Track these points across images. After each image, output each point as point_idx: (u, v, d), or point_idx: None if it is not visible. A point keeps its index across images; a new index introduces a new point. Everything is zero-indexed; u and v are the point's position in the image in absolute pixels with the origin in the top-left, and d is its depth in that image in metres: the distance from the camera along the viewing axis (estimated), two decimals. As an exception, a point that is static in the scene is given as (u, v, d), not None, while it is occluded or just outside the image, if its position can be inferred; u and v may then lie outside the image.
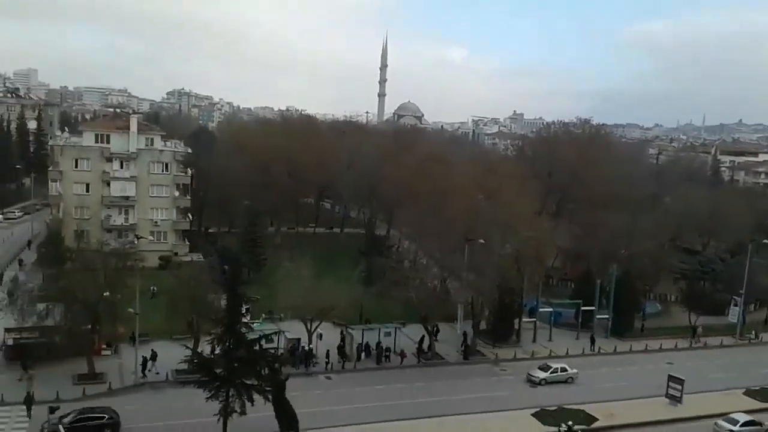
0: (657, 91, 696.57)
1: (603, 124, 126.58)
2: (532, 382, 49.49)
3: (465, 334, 55.52)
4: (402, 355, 52.40)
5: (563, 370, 50.54)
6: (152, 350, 47.59)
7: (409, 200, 74.40)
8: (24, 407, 39.27)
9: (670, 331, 64.14)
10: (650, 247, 71.34)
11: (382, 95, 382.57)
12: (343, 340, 52.42)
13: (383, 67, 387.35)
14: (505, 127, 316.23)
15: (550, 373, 49.94)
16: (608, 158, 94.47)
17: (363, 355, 51.93)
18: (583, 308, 62.21)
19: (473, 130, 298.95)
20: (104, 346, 49.11)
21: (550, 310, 62.08)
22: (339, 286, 52.30)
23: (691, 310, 65.41)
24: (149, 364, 46.59)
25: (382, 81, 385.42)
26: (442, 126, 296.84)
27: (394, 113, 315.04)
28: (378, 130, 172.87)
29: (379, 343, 52.52)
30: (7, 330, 46.97)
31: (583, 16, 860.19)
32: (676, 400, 46.04)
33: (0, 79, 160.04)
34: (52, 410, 33.75)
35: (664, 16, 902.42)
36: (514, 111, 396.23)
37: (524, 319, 59.69)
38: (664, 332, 63.77)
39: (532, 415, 43.46)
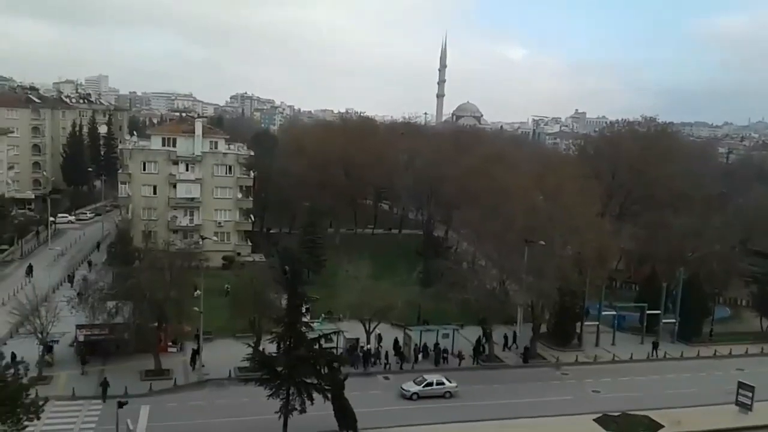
0: (727, 88, 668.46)
1: (669, 123, 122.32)
2: (404, 396, 45.08)
3: (506, 337, 55.33)
4: (460, 356, 52.15)
5: (439, 383, 45.56)
6: (193, 349, 48.30)
7: (467, 201, 73.94)
8: (100, 398, 41.32)
9: (741, 337, 61.64)
10: (719, 249, 68.80)
11: (440, 96, 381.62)
12: (396, 342, 52.23)
13: (442, 67, 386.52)
14: (566, 126, 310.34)
15: (424, 386, 45.32)
16: (675, 157, 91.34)
17: (420, 356, 51.91)
18: (648, 312, 60.52)
19: (533, 130, 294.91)
20: (170, 344, 50.60)
21: (614, 313, 60.61)
22: (397, 287, 52.47)
23: (763, 314, 62.61)
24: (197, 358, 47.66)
25: (441, 82, 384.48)
26: (501, 126, 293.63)
27: (452, 114, 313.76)
28: (436, 131, 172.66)
29: (437, 345, 52.41)
30: (79, 327, 48.98)
31: (649, 10, 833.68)
32: (746, 407, 44.21)
33: (72, 85, 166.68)
34: (120, 405, 34.95)
35: (735, 10, 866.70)
36: (576, 110, 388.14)
37: (586, 323, 58.46)
38: (734, 338, 61.31)
39: (595, 420, 42.56)
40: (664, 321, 59.85)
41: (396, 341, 52.06)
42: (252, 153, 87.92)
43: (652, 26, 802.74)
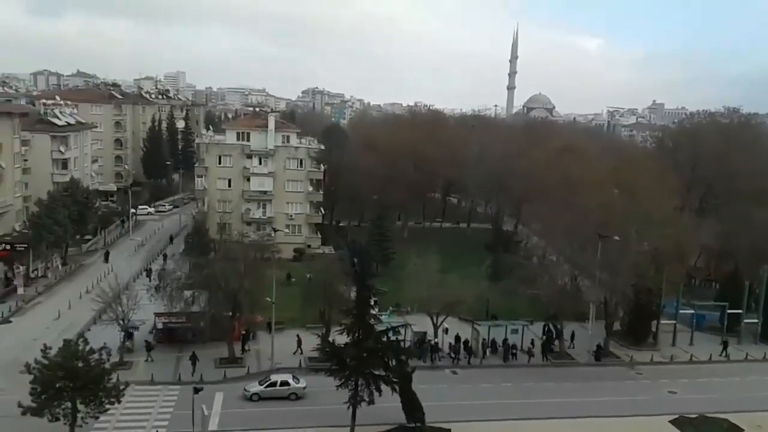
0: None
1: (754, 114, 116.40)
2: (245, 396, 42.27)
3: (573, 333, 53.88)
4: (529, 353, 51.41)
5: (284, 383, 42.19)
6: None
7: (538, 195, 72.69)
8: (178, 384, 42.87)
9: (832, 339, 58.22)
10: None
11: (511, 88, 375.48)
12: (457, 338, 51.77)
13: (513, 59, 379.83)
14: (643, 117, 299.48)
15: (266, 386, 42.29)
16: (760, 149, 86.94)
17: (489, 351, 51.47)
18: (729, 311, 57.95)
19: (608, 122, 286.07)
20: (243, 332, 52.06)
21: (692, 312, 58.34)
22: (465, 281, 52.07)
23: None
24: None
25: (512, 73, 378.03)
26: (574, 118, 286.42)
27: (523, 106, 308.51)
28: (507, 124, 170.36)
29: (505, 340, 51.85)
30: (157, 315, 51.06)
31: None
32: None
33: (152, 81, 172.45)
34: (196, 391, 36.20)
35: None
36: (654, 101, 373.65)
37: (662, 321, 56.50)
38: (824, 340, 57.99)
39: (671, 422, 41.17)
40: (745, 321, 57.25)
41: (457, 337, 51.58)
42: (322, 147, 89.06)
43: (736, 13, 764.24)
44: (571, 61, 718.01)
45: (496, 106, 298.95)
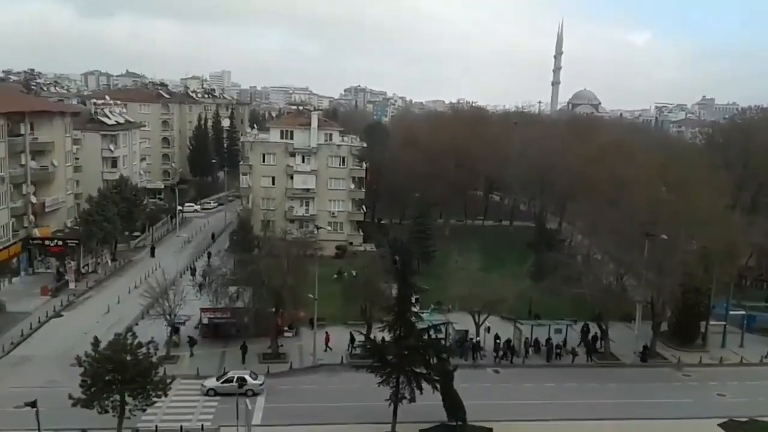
0: None
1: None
2: (201, 392, 42.04)
3: (604, 332, 52.39)
4: (573, 353, 50.65)
5: (241, 380, 40.29)
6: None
7: (583, 192, 71.56)
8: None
9: None
10: None
11: (556, 83, 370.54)
12: (496, 337, 51.32)
13: (558, 54, 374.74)
14: (692, 113, 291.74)
15: (222, 382, 41.85)
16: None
17: (531, 350, 50.94)
18: (782, 313, 56.11)
19: (656, 118, 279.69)
20: (286, 328, 52.66)
21: (743, 313, 56.60)
22: (507, 279, 51.59)
23: None
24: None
25: (557, 69, 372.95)
26: (621, 114, 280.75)
27: (568, 102, 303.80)
28: (551, 120, 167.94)
29: (549, 340, 51.23)
30: (203, 310, 52.06)
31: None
32: None
33: (198, 81, 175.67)
34: (240, 385, 36.87)
35: None
36: (704, 96, 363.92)
37: (712, 322, 54.97)
38: None
39: (720, 425, 40.04)
40: (801, 323, 55.30)
41: (496, 336, 51.18)
42: (364, 144, 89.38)
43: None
44: (617, 55, 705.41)
45: (540, 102, 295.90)
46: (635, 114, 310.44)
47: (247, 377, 41.96)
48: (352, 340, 49.29)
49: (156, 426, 36.98)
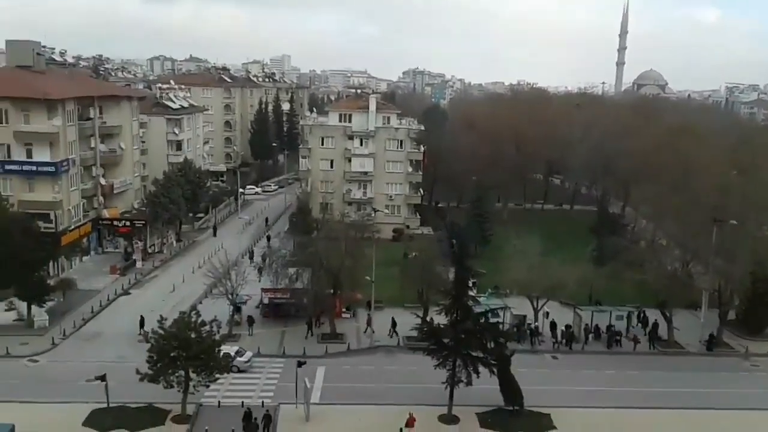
0: None
1: None
2: None
3: (651, 322, 50.61)
4: (635, 340, 49.47)
5: (226, 356, 37.90)
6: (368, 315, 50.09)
7: (648, 176, 69.55)
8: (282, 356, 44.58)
9: None
10: None
11: (620, 64, 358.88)
12: (552, 324, 50.49)
13: (623, 33, 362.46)
14: (765, 94, 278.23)
15: None
16: None
17: (591, 337, 50.03)
18: None
19: (726, 99, 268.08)
20: (344, 310, 53.27)
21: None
22: (568, 264, 50.78)
23: None
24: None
25: (622, 49, 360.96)
26: (688, 95, 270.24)
27: (633, 83, 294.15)
28: (615, 101, 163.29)
29: (610, 326, 50.20)
30: (264, 290, 53.19)
31: None
32: None
33: (259, 65, 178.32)
34: (300, 364, 37.55)
35: None
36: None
37: (783, 312, 52.70)
38: None
39: (790, 418, 38.57)
40: None
41: (553, 323, 50.40)
42: (422, 127, 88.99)
43: None
44: (685, 34, 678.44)
45: (603, 83, 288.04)
46: (704, 95, 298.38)
47: (232, 353, 40.84)
48: (394, 324, 49.47)
49: (218, 402, 38.12)
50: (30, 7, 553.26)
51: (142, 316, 48.54)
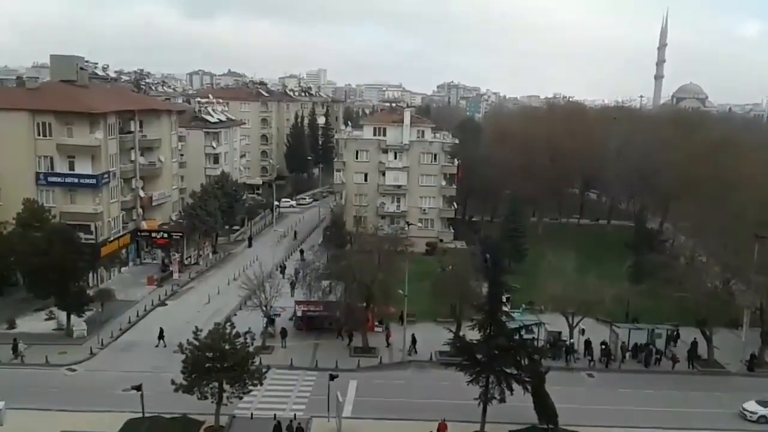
0: None
1: None
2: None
3: (710, 339, 49.13)
4: (674, 359, 48.34)
5: None
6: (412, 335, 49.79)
7: (687, 191, 68.37)
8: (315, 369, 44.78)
9: None
10: None
11: (659, 77, 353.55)
12: (587, 343, 49.48)
13: (661, 46, 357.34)
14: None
15: None
16: None
17: (629, 355, 49.04)
18: None
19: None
20: (377, 323, 53.16)
21: None
22: (604, 280, 49.93)
23: None
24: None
25: (660, 62, 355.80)
26: (729, 108, 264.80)
27: (672, 96, 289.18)
28: (653, 115, 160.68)
29: (648, 344, 49.15)
30: (297, 302, 53.45)
31: None
32: None
33: (295, 80, 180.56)
34: (332, 378, 37.54)
35: None
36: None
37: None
38: None
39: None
40: None
41: (588, 342, 49.52)
42: (456, 141, 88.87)
43: None
44: (726, 47, 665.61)
45: (641, 96, 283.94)
46: (746, 108, 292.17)
47: None
48: (414, 341, 49.11)
49: (251, 413, 38.34)
50: (75, 23, 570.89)
51: (161, 328, 49.52)
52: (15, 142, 59.67)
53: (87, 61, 75.44)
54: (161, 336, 48.80)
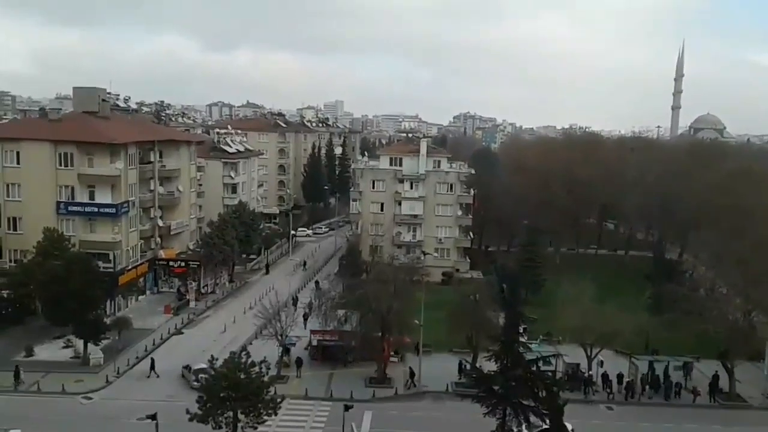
0: None
1: None
2: None
3: (732, 372, 48.01)
4: (695, 392, 47.43)
5: None
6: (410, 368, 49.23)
7: (707, 221, 67.79)
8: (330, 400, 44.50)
9: None
10: None
11: (676, 108, 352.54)
12: (604, 376, 48.67)
13: (678, 77, 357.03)
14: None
15: None
16: None
17: (648, 388, 48.18)
18: None
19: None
20: (392, 353, 52.80)
21: None
22: (623, 311, 49.33)
23: None
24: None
25: (677, 92, 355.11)
26: (748, 139, 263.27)
27: (689, 127, 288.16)
28: (670, 146, 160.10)
29: (668, 377, 48.30)
30: (313, 332, 53.33)
31: None
32: None
33: (313, 111, 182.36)
34: (347, 408, 37.24)
35: None
36: None
37: None
38: None
39: None
40: None
41: (605, 375, 48.78)
42: (472, 171, 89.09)
43: None
44: (744, 77, 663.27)
45: (658, 127, 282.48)
46: (764, 138, 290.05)
47: None
48: (412, 374, 48.53)
49: (266, 444, 38.01)
50: (97, 56, 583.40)
51: (152, 358, 49.89)
52: (37, 172, 60.80)
53: (109, 93, 76.95)
54: (152, 367, 48.92)
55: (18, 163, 61.27)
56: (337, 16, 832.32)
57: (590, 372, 48.57)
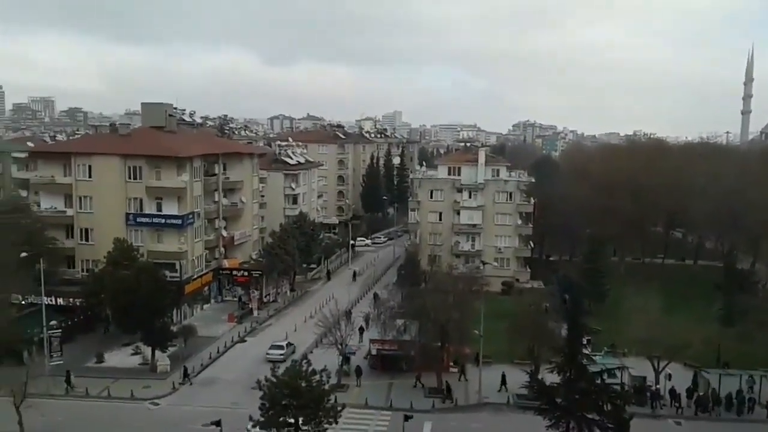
0: None
1: None
2: None
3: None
4: (770, 408, 45.28)
5: None
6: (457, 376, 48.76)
7: (780, 230, 64.64)
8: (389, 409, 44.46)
9: None
10: None
11: (746, 112, 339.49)
12: (672, 391, 46.95)
13: (748, 81, 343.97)
14: None
15: None
16: None
17: (721, 403, 46.24)
18: None
19: None
20: (452, 364, 52.43)
21: None
22: (691, 323, 47.78)
23: None
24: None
25: (747, 97, 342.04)
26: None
27: (761, 132, 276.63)
28: (741, 151, 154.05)
29: (740, 392, 46.28)
30: (372, 341, 53.51)
31: None
32: None
33: (371, 122, 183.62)
34: (406, 418, 37.19)
35: None
36: None
37: None
38: None
39: None
40: None
41: (672, 390, 46.95)
42: (532, 179, 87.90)
43: None
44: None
45: (728, 132, 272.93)
46: None
47: None
48: (449, 389, 47.55)
49: (326, 452, 38.24)
50: (162, 72, 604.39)
51: (184, 366, 50.86)
52: (108, 185, 63.29)
53: (175, 108, 79.37)
54: (186, 374, 50.04)
55: (90, 176, 63.92)
56: (395, 27, 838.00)
57: (657, 385, 47.02)
